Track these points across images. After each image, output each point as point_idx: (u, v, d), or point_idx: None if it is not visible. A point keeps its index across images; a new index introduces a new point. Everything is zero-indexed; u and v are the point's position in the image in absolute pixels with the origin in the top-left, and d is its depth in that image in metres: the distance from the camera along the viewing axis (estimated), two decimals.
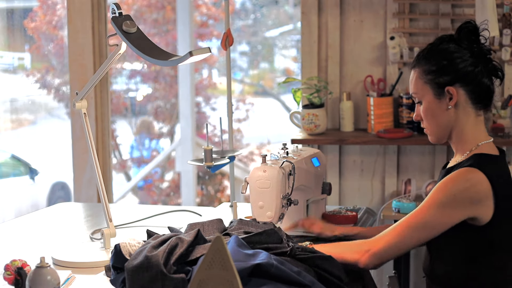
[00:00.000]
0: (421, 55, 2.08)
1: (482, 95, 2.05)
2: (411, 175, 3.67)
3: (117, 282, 1.83)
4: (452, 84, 2.02)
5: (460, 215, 1.95)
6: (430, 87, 2.05)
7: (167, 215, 2.72)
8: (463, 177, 1.95)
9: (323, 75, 3.73)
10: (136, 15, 7.50)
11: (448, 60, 2.03)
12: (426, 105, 2.07)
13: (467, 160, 2.02)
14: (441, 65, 2.03)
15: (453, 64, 2.02)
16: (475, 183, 1.94)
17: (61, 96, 7.22)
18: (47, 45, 7.37)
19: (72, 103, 2.25)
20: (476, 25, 2.06)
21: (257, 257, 1.72)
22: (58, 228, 2.62)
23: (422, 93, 2.07)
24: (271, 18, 8.88)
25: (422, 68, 2.06)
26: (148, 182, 7.86)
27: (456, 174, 1.97)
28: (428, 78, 2.05)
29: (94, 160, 2.22)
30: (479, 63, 2.03)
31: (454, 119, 2.05)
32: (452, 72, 2.02)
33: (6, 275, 1.87)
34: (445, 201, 1.94)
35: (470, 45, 2.04)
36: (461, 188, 1.94)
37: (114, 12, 2.08)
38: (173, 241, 1.83)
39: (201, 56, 2.04)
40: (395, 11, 3.62)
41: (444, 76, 2.03)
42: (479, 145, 2.05)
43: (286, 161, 2.27)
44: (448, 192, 1.94)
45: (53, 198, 6.89)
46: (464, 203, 1.94)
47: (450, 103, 2.03)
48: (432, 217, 1.94)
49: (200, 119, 7.77)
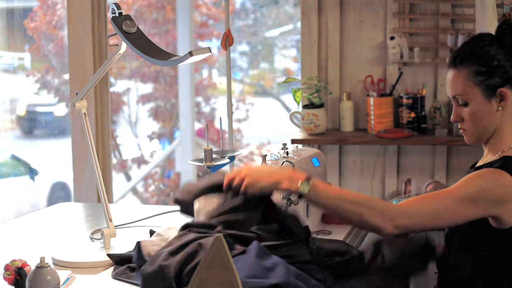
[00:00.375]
0: (465, 55, 2.03)
1: None
2: (411, 175, 3.66)
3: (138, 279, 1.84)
4: (503, 86, 1.99)
5: (482, 211, 1.92)
6: (480, 89, 2.00)
7: (167, 215, 2.71)
8: (491, 175, 1.93)
9: (323, 75, 3.73)
10: (136, 15, 7.50)
11: (497, 60, 1.99)
12: (475, 107, 2.02)
13: (496, 161, 1.99)
14: (492, 66, 1.99)
15: (503, 65, 1.99)
16: (502, 184, 1.91)
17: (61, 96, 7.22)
18: (47, 45, 7.37)
19: (72, 103, 2.25)
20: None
21: (275, 273, 1.67)
22: (58, 228, 2.62)
23: (470, 95, 2.01)
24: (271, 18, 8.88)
25: (470, 69, 2.00)
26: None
27: (485, 171, 1.95)
28: (478, 79, 2.00)
29: (94, 160, 2.21)
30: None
31: (499, 121, 2.02)
32: (503, 74, 1.99)
33: (6, 275, 1.87)
34: (473, 194, 1.90)
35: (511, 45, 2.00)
36: (488, 184, 1.91)
37: (114, 12, 2.08)
38: (192, 247, 1.77)
39: (201, 56, 2.04)
40: (395, 11, 3.62)
41: (495, 77, 1.99)
42: (511, 147, 2.02)
43: (286, 161, 2.27)
44: (475, 186, 1.92)
45: (53, 198, 6.89)
46: (488, 200, 1.91)
47: (501, 104, 2.00)
48: (458, 207, 1.91)
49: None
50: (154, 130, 8.02)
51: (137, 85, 8.02)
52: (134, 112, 8.10)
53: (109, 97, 4.03)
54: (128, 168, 8.03)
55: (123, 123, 8.04)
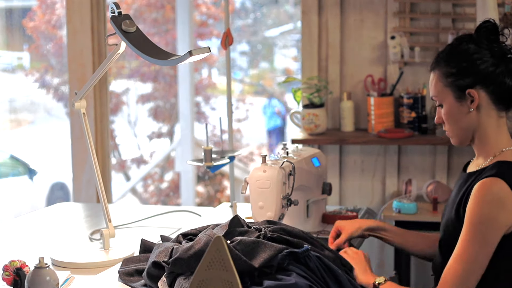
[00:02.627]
0: (440, 57, 2.04)
1: (504, 96, 2.00)
2: (412, 175, 3.66)
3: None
4: (473, 86, 1.98)
5: (501, 229, 1.91)
6: (450, 90, 2.00)
7: (167, 216, 2.70)
8: (489, 191, 1.91)
9: (324, 75, 3.72)
10: (135, 15, 7.49)
11: (468, 61, 1.98)
12: (447, 109, 2.02)
13: (490, 168, 1.97)
14: (461, 67, 1.99)
15: (474, 65, 1.98)
16: (501, 197, 1.90)
17: (60, 95, 7.21)
18: (46, 44, 7.36)
19: (71, 103, 2.24)
20: (495, 24, 2.01)
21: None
22: (57, 228, 2.61)
23: (442, 96, 2.02)
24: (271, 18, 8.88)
25: (442, 70, 2.02)
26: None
27: (481, 189, 1.92)
28: (448, 81, 2.00)
29: (93, 160, 2.21)
30: (500, 63, 1.98)
31: (476, 121, 2.01)
32: (473, 74, 1.98)
33: (5, 276, 1.86)
34: (484, 231, 1.90)
35: (490, 45, 1.99)
36: (492, 210, 1.90)
37: (113, 11, 2.07)
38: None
39: (201, 55, 2.03)
40: (395, 10, 3.61)
41: (465, 78, 1.98)
42: (503, 151, 2.01)
43: (286, 161, 2.26)
44: (483, 215, 1.90)
45: (52, 198, 6.88)
46: (498, 218, 1.90)
47: (471, 105, 1.99)
48: (483, 244, 1.91)
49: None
50: (154, 130, 8.02)
51: (137, 85, 8.01)
52: (134, 112, 8.09)
53: (109, 97, 4.02)
54: (127, 168, 8.03)
55: (123, 123, 8.03)
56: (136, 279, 1.91)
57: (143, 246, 2.07)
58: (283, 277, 1.69)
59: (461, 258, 1.93)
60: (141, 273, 1.93)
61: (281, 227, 1.88)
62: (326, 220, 2.51)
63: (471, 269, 1.91)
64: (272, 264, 1.73)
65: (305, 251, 1.77)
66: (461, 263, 1.92)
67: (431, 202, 3.34)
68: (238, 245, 1.73)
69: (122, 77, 7.92)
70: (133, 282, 1.90)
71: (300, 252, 1.77)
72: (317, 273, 1.75)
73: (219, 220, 2.51)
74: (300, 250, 1.77)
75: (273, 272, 1.73)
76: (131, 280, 1.91)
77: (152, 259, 1.86)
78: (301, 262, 1.76)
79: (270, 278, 1.70)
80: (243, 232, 1.85)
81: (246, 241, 1.74)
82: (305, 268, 1.75)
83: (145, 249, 2.06)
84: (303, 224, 2.39)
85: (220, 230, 1.84)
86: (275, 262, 1.73)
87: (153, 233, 2.41)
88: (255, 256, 1.73)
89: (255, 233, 1.84)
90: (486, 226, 1.90)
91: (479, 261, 1.91)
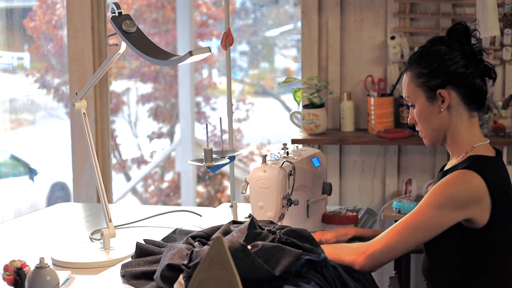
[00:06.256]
0: (413, 58, 2.08)
1: (474, 96, 2.04)
2: (412, 175, 3.66)
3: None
4: (443, 87, 2.02)
5: (456, 216, 1.94)
6: (422, 91, 2.04)
7: (167, 216, 2.71)
8: (459, 179, 1.95)
9: (324, 75, 3.72)
10: (135, 15, 7.49)
11: (439, 62, 2.02)
12: (419, 109, 2.06)
13: (462, 162, 2.01)
14: (432, 68, 2.03)
15: (444, 66, 2.02)
16: (472, 185, 1.94)
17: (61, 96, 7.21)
18: (46, 44, 7.36)
19: (72, 103, 2.24)
20: (467, 26, 2.05)
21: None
22: (57, 228, 2.62)
23: (414, 97, 2.07)
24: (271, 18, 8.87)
25: (414, 71, 2.06)
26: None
27: (452, 176, 1.96)
28: (419, 81, 2.04)
29: (94, 160, 2.21)
30: (470, 64, 2.02)
31: (448, 121, 2.05)
32: (444, 75, 2.02)
33: (6, 276, 1.86)
34: (442, 202, 1.93)
35: (461, 46, 2.03)
36: (457, 189, 1.93)
37: (114, 11, 2.07)
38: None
39: (201, 55, 2.04)
40: (395, 10, 3.61)
41: (436, 79, 2.02)
42: (474, 147, 2.04)
43: (286, 161, 2.26)
44: (445, 193, 1.93)
45: (53, 198, 6.88)
46: (460, 204, 1.93)
47: (442, 105, 2.03)
48: (429, 218, 1.94)
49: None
50: (154, 130, 8.02)
51: (137, 85, 8.01)
52: (134, 112, 8.09)
53: (109, 97, 4.02)
54: (127, 168, 8.03)
55: (123, 123, 8.03)
56: (144, 282, 1.90)
57: (138, 249, 2.04)
58: (302, 284, 1.70)
59: (410, 217, 1.96)
60: (148, 276, 1.92)
61: (292, 229, 1.89)
62: (326, 220, 2.51)
63: (409, 232, 1.94)
64: (290, 271, 1.74)
65: (322, 260, 1.78)
66: (406, 222, 1.95)
67: None
68: (259, 252, 1.73)
69: (123, 77, 7.92)
70: (142, 285, 1.89)
71: (318, 261, 1.78)
72: (331, 284, 1.76)
73: (219, 220, 2.52)
74: (318, 259, 1.78)
75: (291, 277, 1.74)
76: (139, 283, 1.89)
77: (166, 261, 1.83)
78: (318, 271, 1.77)
79: (289, 283, 1.71)
80: (258, 234, 1.85)
81: (267, 247, 1.74)
82: (322, 277, 1.76)
83: (141, 253, 2.04)
84: (303, 224, 2.39)
85: (240, 234, 1.83)
86: (294, 269, 1.74)
87: (153, 233, 2.41)
88: (275, 262, 1.74)
89: (270, 236, 1.85)
90: (445, 201, 1.93)
91: (421, 229, 1.94)
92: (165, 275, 1.82)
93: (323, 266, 1.78)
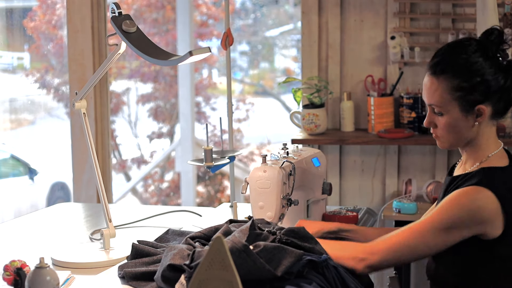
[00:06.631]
0: (446, 65, 1.95)
1: (507, 109, 1.98)
2: (412, 175, 3.66)
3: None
4: (483, 102, 1.93)
5: (464, 235, 1.89)
6: (458, 104, 1.94)
7: (167, 216, 2.70)
8: (470, 198, 1.88)
9: (324, 75, 3.72)
10: (136, 15, 7.49)
11: (481, 77, 1.92)
12: (450, 121, 1.96)
13: (474, 174, 1.94)
14: (473, 82, 1.92)
15: (486, 81, 1.92)
16: (483, 204, 1.87)
17: (61, 96, 7.21)
18: (46, 44, 7.36)
19: (72, 103, 2.24)
20: (502, 31, 1.95)
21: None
22: (57, 228, 2.61)
23: (447, 108, 1.95)
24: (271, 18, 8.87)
25: (451, 82, 1.93)
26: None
27: (463, 194, 1.89)
28: (457, 95, 1.93)
29: (94, 160, 2.21)
30: (508, 77, 1.94)
31: (476, 132, 1.98)
32: (485, 91, 1.92)
33: (5, 276, 1.86)
34: (450, 224, 1.87)
35: (497, 58, 1.94)
36: (467, 209, 1.86)
37: (114, 11, 2.07)
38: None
39: (201, 55, 2.03)
40: (395, 10, 3.61)
41: (476, 94, 1.92)
42: (489, 156, 1.98)
43: (286, 161, 2.26)
44: (453, 215, 1.87)
45: (53, 198, 6.88)
46: (470, 224, 1.87)
47: (477, 120, 1.95)
48: (432, 239, 1.88)
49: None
50: (154, 130, 8.02)
51: (137, 85, 8.01)
52: (134, 112, 8.09)
53: (109, 97, 4.02)
54: (127, 168, 8.03)
55: (123, 123, 8.04)
56: (144, 283, 1.90)
57: (134, 250, 2.04)
58: (304, 285, 1.70)
59: (412, 233, 1.90)
60: (148, 277, 1.92)
61: (291, 229, 1.89)
62: (326, 220, 2.51)
63: (410, 250, 1.89)
64: (292, 271, 1.74)
65: (323, 261, 1.77)
66: (407, 238, 1.90)
67: (431, 202, 3.34)
68: (261, 252, 1.73)
69: (123, 77, 7.92)
70: (142, 286, 1.89)
71: (319, 262, 1.77)
72: (332, 284, 1.76)
73: (219, 220, 2.52)
74: (319, 260, 1.78)
75: (292, 278, 1.74)
76: (139, 284, 1.89)
77: (167, 262, 1.83)
78: (319, 271, 1.77)
79: (290, 283, 1.72)
80: (259, 235, 1.85)
81: (268, 247, 1.74)
82: (323, 278, 1.76)
83: (137, 253, 2.03)
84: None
85: (242, 234, 1.83)
86: (295, 269, 1.74)
87: (153, 233, 2.41)
88: (277, 262, 1.73)
89: (271, 237, 1.85)
90: (453, 223, 1.87)
91: (422, 248, 1.89)
92: (166, 275, 1.82)
93: (324, 267, 1.78)
